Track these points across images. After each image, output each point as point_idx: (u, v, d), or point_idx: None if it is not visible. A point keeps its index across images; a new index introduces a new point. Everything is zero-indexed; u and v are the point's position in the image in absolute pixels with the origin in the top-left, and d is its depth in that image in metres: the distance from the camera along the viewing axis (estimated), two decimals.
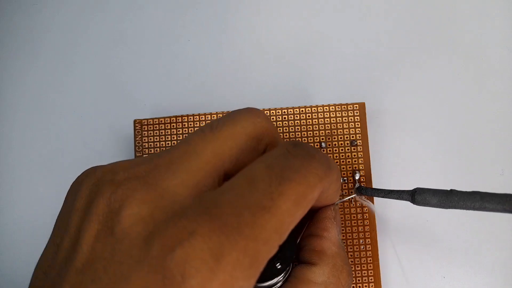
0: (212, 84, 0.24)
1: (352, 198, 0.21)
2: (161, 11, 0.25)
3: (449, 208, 0.18)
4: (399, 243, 0.23)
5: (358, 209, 0.21)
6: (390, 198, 0.20)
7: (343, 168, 0.22)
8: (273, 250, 0.13)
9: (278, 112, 0.22)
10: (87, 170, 0.15)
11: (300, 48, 0.25)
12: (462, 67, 0.24)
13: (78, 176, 0.15)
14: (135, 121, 0.22)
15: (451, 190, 0.18)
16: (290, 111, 0.22)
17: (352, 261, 0.21)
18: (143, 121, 0.22)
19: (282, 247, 0.14)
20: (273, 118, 0.22)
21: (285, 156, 0.14)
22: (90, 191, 0.14)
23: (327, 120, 0.22)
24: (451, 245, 0.23)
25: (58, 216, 0.15)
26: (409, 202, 0.22)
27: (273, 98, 0.23)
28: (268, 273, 0.16)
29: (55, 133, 0.24)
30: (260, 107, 0.21)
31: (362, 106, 0.22)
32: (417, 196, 0.18)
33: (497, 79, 0.24)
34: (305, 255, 0.18)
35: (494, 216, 0.23)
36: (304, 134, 0.22)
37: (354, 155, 0.22)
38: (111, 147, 0.20)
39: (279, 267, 0.17)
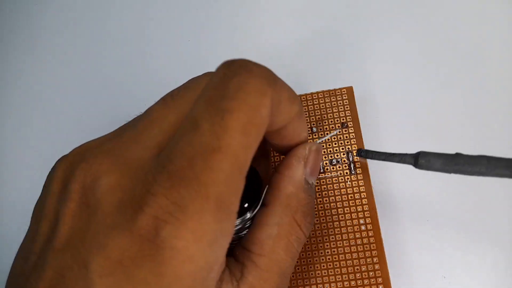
0: None
1: (335, 135, 0.21)
2: (161, 12, 0.26)
3: (454, 173, 0.17)
4: (399, 243, 0.22)
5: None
6: (391, 161, 0.19)
7: (336, 149, 0.21)
8: (239, 186, 0.13)
9: None
10: (60, 157, 0.16)
11: (298, 47, 0.26)
12: (448, 49, 0.25)
13: (54, 164, 0.16)
14: None
15: (456, 153, 0.17)
16: None
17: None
18: None
19: (247, 186, 0.13)
20: None
21: (222, 81, 0.13)
22: (64, 174, 0.15)
23: (317, 107, 0.22)
24: (452, 245, 0.22)
25: (36, 205, 0.16)
26: (406, 205, 0.22)
27: None
28: (241, 216, 0.16)
29: (55, 133, 0.25)
30: None
31: (350, 90, 0.22)
32: (421, 159, 0.17)
33: (480, 63, 0.24)
34: (265, 195, 0.17)
35: (495, 216, 0.22)
36: None
37: (346, 137, 0.22)
38: None
39: (246, 206, 0.16)
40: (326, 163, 0.21)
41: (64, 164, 0.15)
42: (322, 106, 0.22)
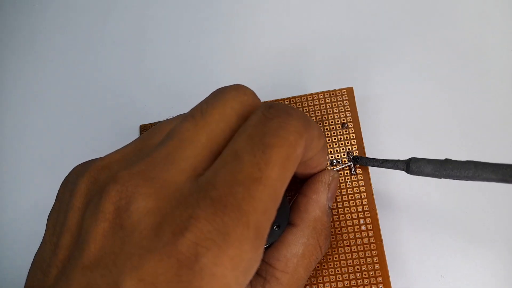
0: (213, 83, 0.25)
1: (349, 165, 0.21)
2: (162, 12, 0.27)
3: (443, 178, 0.18)
4: (399, 243, 0.22)
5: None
6: (384, 167, 0.19)
7: (337, 150, 0.22)
8: (273, 216, 0.14)
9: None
10: (78, 167, 0.16)
11: (300, 46, 0.26)
12: (451, 53, 0.25)
13: (70, 174, 0.16)
14: (141, 126, 0.23)
15: (446, 159, 0.18)
16: (287, 101, 0.23)
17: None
18: (148, 125, 0.23)
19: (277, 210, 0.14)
20: None
21: (262, 121, 0.14)
22: (89, 189, 0.15)
23: (317, 107, 0.22)
24: (451, 245, 0.22)
25: (50, 215, 0.16)
26: (406, 205, 0.22)
27: (274, 94, 0.24)
28: (268, 236, 0.16)
29: (56, 134, 0.25)
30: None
31: (350, 90, 0.22)
32: (412, 165, 0.18)
33: (484, 66, 0.24)
34: (290, 215, 0.18)
35: (495, 217, 0.22)
36: None
37: (347, 137, 0.22)
38: (111, 147, 0.21)
39: (276, 229, 0.17)
40: (326, 164, 0.21)
41: (87, 179, 0.15)
42: (323, 106, 0.22)
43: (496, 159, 0.21)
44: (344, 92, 0.22)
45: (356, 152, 0.21)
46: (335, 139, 0.22)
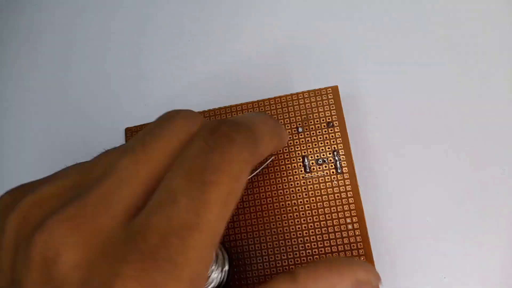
0: (212, 84, 0.25)
1: (267, 164, 0.21)
2: (161, 12, 0.26)
3: None
4: (399, 243, 0.22)
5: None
6: None
7: (322, 149, 0.21)
8: (210, 260, 0.13)
9: (261, 103, 0.23)
10: (7, 197, 0.15)
11: (285, 45, 0.26)
12: (448, 54, 0.24)
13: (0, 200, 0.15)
14: (126, 129, 0.23)
15: None
16: (267, 102, 0.23)
17: None
18: (133, 128, 0.23)
19: None
20: (256, 110, 0.23)
21: (203, 151, 0.13)
22: (19, 229, 0.14)
23: (302, 107, 0.22)
24: (452, 245, 0.21)
25: None
26: (406, 205, 0.22)
27: (259, 94, 0.24)
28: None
29: (55, 134, 0.25)
30: (261, 103, 0.23)
31: (335, 89, 0.22)
32: None
33: (478, 70, 0.24)
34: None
35: (495, 217, 0.22)
36: (281, 122, 0.22)
37: (332, 136, 0.22)
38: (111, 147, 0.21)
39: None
40: (312, 163, 0.21)
41: (17, 217, 0.14)
42: (308, 106, 0.22)
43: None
44: (329, 90, 0.22)
45: (342, 151, 0.21)
46: (320, 138, 0.22)
